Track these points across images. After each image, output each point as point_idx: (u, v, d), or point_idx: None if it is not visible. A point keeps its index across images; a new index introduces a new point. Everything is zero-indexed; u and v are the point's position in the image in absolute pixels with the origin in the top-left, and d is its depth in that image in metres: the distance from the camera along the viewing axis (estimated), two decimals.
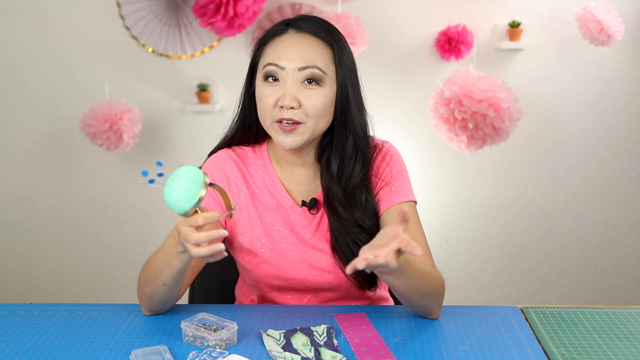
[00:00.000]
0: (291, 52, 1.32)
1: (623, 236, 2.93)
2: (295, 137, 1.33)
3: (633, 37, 2.70)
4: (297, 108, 1.31)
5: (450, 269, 2.93)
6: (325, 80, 1.33)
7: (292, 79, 1.31)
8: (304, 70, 1.32)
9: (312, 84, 1.32)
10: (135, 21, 2.69)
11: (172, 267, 1.23)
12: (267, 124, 1.35)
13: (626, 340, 1.22)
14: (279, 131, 1.33)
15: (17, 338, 1.25)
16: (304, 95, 1.31)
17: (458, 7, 2.68)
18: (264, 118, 1.35)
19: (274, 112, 1.32)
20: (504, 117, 2.24)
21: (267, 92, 1.33)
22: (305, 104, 1.31)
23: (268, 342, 1.20)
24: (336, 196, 1.36)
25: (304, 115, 1.32)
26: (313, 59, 1.32)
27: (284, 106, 1.30)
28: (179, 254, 1.20)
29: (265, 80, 1.34)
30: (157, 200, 2.87)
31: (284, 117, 1.31)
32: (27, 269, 2.95)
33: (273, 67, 1.33)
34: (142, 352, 1.17)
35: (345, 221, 1.35)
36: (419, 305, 1.27)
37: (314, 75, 1.32)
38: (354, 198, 1.37)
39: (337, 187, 1.37)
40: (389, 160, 1.43)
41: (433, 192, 2.87)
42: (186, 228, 1.11)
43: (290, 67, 1.31)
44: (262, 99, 1.34)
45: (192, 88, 2.75)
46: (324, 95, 1.33)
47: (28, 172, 2.85)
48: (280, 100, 1.31)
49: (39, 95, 2.78)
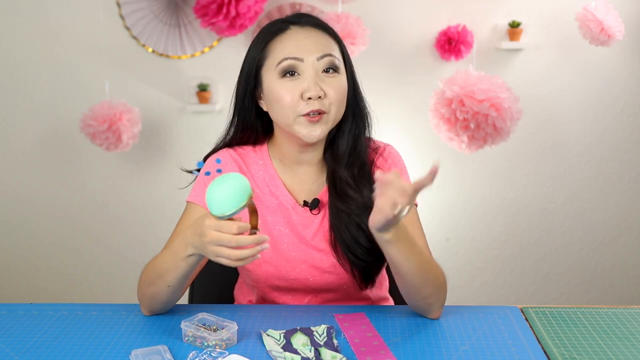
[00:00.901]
0: (306, 44, 1.32)
1: (623, 236, 2.93)
2: (322, 127, 1.32)
3: (633, 37, 2.70)
4: (323, 97, 1.31)
5: (450, 269, 2.92)
6: (340, 67, 1.35)
7: (313, 69, 1.32)
8: (323, 59, 1.32)
9: (331, 72, 1.33)
10: (135, 21, 2.69)
11: (178, 268, 1.22)
12: (290, 120, 1.32)
13: (626, 340, 1.22)
14: (305, 124, 1.32)
15: (17, 338, 1.25)
16: (326, 84, 1.32)
17: (458, 7, 2.68)
18: (286, 115, 1.32)
19: (298, 107, 1.31)
20: (505, 117, 2.24)
21: (287, 88, 1.31)
22: (329, 92, 1.32)
23: (268, 342, 1.20)
24: (345, 179, 1.37)
25: (328, 104, 1.32)
26: (327, 48, 1.34)
27: (312, 97, 1.30)
28: (187, 256, 1.20)
29: (283, 76, 1.33)
30: (157, 200, 2.87)
31: (313, 109, 1.30)
32: (27, 269, 2.95)
33: (291, 61, 1.32)
34: (142, 352, 1.17)
35: (354, 202, 1.34)
36: (422, 296, 1.26)
37: (332, 63, 1.33)
38: (361, 179, 1.38)
39: (345, 171, 1.37)
40: (390, 163, 1.44)
41: (433, 192, 2.87)
42: (216, 232, 1.11)
43: (309, 58, 1.32)
44: (282, 96, 1.32)
45: (192, 88, 2.75)
46: (342, 82, 1.35)
47: (28, 172, 2.85)
48: (306, 92, 1.30)
49: (39, 95, 2.78)
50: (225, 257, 1.12)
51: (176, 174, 1.54)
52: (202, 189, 1.40)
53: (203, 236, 1.12)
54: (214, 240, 1.11)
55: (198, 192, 1.40)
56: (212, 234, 1.11)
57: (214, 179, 1.11)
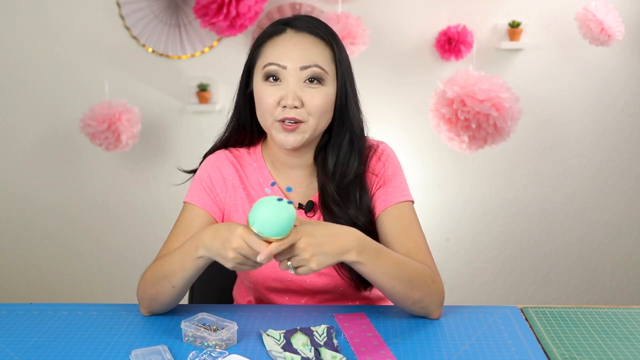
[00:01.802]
0: (292, 52, 1.32)
1: (623, 236, 2.93)
2: (297, 136, 1.32)
3: (633, 37, 2.70)
4: (300, 107, 1.31)
5: (450, 269, 2.93)
6: (327, 79, 1.33)
7: (294, 78, 1.31)
8: (306, 70, 1.31)
9: (314, 83, 1.32)
10: (135, 21, 2.69)
11: (185, 270, 1.22)
12: (268, 124, 1.34)
13: (626, 340, 1.22)
14: (280, 130, 1.33)
15: (17, 338, 1.25)
16: (306, 94, 1.31)
17: (458, 7, 2.68)
18: (264, 118, 1.34)
19: (275, 112, 1.32)
20: (506, 117, 2.24)
21: (268, 92, 1.32)
22: (308, 103, 1.31)
23: (268, 342, 1.20)
24: (330, 194, 1.37)
25: (306, 114, 1.32)
26: (314, 58, 1.32)
27: (287, 105, 1.30)
28: (196, 258, 1.20)
29: (266, 80, 1.33)
30: (157, 200, 2.87)
31: (287, 116, 1.31)
32: (27, 269, 2.95)
33: (274, 66, 1.32)
34: (142, 352, 1.17)
35: (340, 219, 1.34)
36: (412, 302, 1.25)
37: (315, 74, 1.32)
38: (348, 195, 1.37)
39: (332, 185, 1.37)
40: (384, 160, 1.43)
41: (433, 192, 2.87)
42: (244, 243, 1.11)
43: (292, 67, 1.31)
44: (262, 99, 1.33)
45: (192, 88, 2.75)
46: (325, 94, 1.33)
47: (28, 172, 2.85)
48: (283, 99, 1.31)
49: (39, 95, 2.78)
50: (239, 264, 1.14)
51: (176, 174, 1.54)
52: (199, 189, 1.41)
53: (229, 242, 1.13)
54: (239, 248, 1.12)
55: (195, 193, 1.40)
56: (240, 243, 1.12)
57: (271, 195, 1.12)
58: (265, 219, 1.09)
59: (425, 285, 1.25)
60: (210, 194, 1.40)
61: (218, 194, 1.41)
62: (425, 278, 1.25)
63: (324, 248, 1.14)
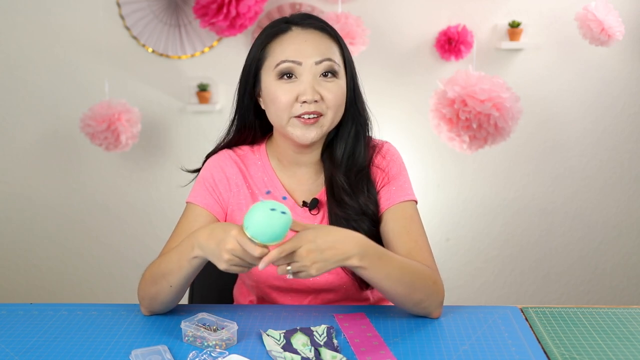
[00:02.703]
0: (305, 47, 1.33)
1: (623, 236, 2.93)
2: (316, 130, 1.33)
3: (633, 37, 2.70)
4: (319, 101, 1.32)
5: (450, 269, 2.93)
6: (339, 71, 1.35)
7: (310, 73, 1.32)
8: (321, 64, 1.33)
9: (329, 77, 1.34)
10: (135, 21, 2.69)
11: (181, 269, 1.23)
12: (284, 122, 1.34)
13: (626, 340, 1.22)
14: (299, 126, 1.33)
15: (17, 338, 1.25)
16: (323, 88, 1.33)
17: (458, 7, 2.68)
18: (280, 117, 1.34)
19: (292, 109, 1.32)
20: (507, 117, 2.24)
21: (283, 90, 1.32)
22: (327, 96, 1.32)
23: (268, 342, 1.20)
24: (341, 185, 1.37)
25: (325, 107, 1.33)
26: (327, 52, 1.34)
27: (308, 100, 1.31)
28: (192, 258, 1.20)
29: (280, 78, 1.33)
30: (157, 200, 2.87)
31: (308, 110, 1.31)
32: (27, 269, 2.95)
33: (288, 63, 1.32)
34: (142, 352, 1.17)
35: (350, 209, 1.35)
36: (413, 303, 1.26)
37: (330, 67, 1.33)
38: (357, 184, 1.38)
39: (341, 176, 1.38)
40: (389, 159, 1.44)
41: (433, 192, 2.87)
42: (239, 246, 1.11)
43: (308, 62, 1.32)
44: (278, 97, 1.33)
45: (192, 88, 2.75)
46: (340, 87, 1.35)
47: (28, 172, 2.85)
48: (302, 95, 1.31)
49: (39, 95, 2.78)
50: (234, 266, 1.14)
51: (176, 174, 1.55)
52: (202, 189, 1.41)
53: (224, 243, 1.13)
54: (233, 250, 1.12)
55: (198, 193, 1.40)
56: (235, 245, 1.12)
57: (267, 200, 1.12)
58: (258, 226, 1.09)
59: (426, 287, 1.26)
60: (213, 193, 1.40)
61: (221, 194, 1.41)
62: (426, 279, 1.26)
63: (326, 255, 1.14)
